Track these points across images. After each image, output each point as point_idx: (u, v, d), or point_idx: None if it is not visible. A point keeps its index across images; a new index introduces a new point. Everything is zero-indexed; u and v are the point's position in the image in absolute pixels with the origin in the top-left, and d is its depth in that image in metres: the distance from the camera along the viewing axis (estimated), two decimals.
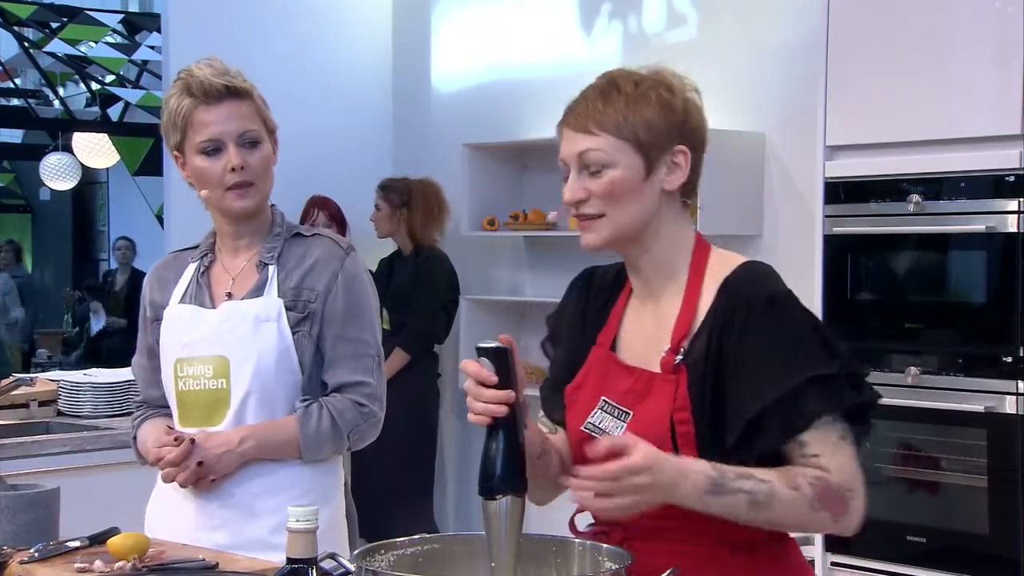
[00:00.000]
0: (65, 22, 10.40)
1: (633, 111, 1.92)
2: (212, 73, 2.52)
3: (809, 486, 1.80)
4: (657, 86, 1.94)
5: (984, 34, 3.77)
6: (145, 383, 2.73)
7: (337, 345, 2.57)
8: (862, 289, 4.08)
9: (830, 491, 1.80)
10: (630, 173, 1.92)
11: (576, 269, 2.02)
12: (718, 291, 1.90)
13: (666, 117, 1.92)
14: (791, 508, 1.79)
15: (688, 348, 1.89)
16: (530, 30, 5.85)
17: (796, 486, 1.79)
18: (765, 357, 1.83)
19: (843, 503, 1.81)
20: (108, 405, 4.48)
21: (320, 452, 2.56)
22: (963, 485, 3.77)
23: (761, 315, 1.85)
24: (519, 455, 1.78)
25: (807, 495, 1.79)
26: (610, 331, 2.02)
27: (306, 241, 2.63)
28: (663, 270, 1.97)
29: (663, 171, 1.93)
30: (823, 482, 1.80)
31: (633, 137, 1.91)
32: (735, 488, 1.77)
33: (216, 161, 2.53)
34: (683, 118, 1.94)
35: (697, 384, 1.86)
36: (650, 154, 1.92)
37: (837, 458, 1.82)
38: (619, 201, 1.93)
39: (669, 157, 1.93)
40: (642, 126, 1.91)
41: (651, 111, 1.92)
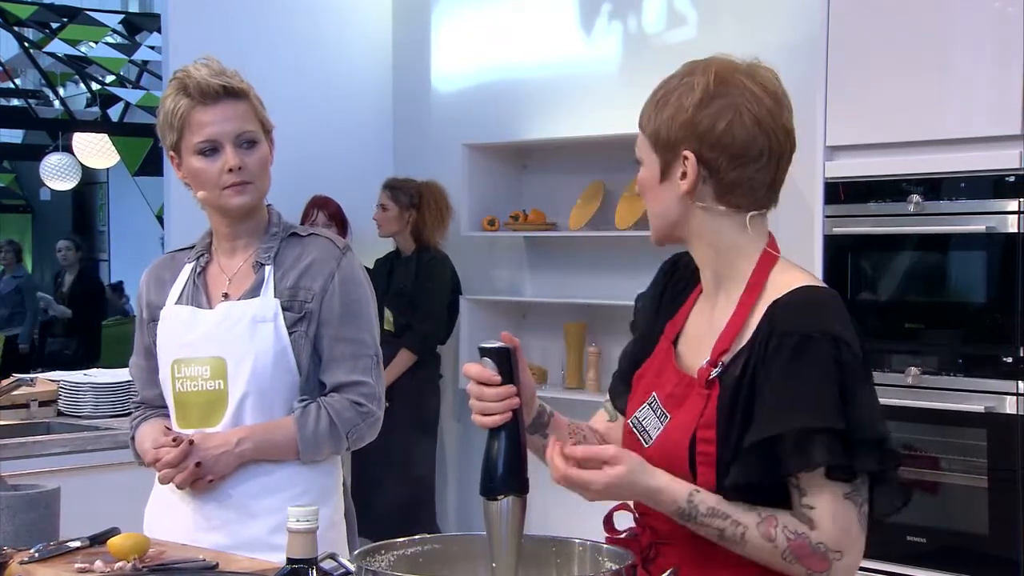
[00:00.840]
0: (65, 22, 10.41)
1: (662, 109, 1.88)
2: (209, 73, 2.51)
3: (785, 539, 1.75)
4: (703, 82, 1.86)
5: (984, 34, 3.77)
6: (143, 383, 2.73)
7: (334, 345, 2.56)
8: (862, 289, 4.08)
9: (807, 548, 1.75)
10: (648, 173, 1.91)
11: (575, 269, 2.00)
12: (766, 313, 1.83)
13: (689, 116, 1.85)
14: (762, 555, 1.78)
15: (727, 365, 1.84)
16: (530, 30, 5.85)
17: (771, 537, 1.76)
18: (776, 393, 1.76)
19: (824, 561, 1.75)
20: (108, 405, 4.48)
21: (318, 452, 2.56)
22: (963, 485, 3.77)
23: (791, 350, 1.77)
24: (521, 455, 1.78)
25: (780, 548, 1.76)
26: (676, 325, 1.98)
27: (303, 241, 2.62)
28: (722, 277, 1.91)
29: (677, 174, 1.87)
30: (802, 539, 1.75)
31: (653, 136, 1.89)
32: (704, 523, 1.78)
33: (213, 162, 2.52)
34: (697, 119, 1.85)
35: (727, 405, 1.81)
36: (664, 155, 1.88)
37: (832, 515, 1.76)
38: (645, 198, 1.94)
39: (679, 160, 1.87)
40: (663, 125, 1.87)
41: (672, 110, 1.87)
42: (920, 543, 3.84)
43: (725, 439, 1.80)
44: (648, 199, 1.92)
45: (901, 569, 3.85)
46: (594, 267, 5.56)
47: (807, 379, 1.76)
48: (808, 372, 1.76)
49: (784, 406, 1.76)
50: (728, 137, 1.84)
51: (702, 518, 1.77)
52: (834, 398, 1.75)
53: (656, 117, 1.88)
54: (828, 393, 1.75)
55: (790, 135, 1.91)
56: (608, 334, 5.54)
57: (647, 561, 1.90)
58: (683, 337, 1.97)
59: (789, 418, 1.75)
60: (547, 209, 5.74)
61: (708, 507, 1.77)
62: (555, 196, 5.73)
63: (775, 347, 1.78)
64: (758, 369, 1.79)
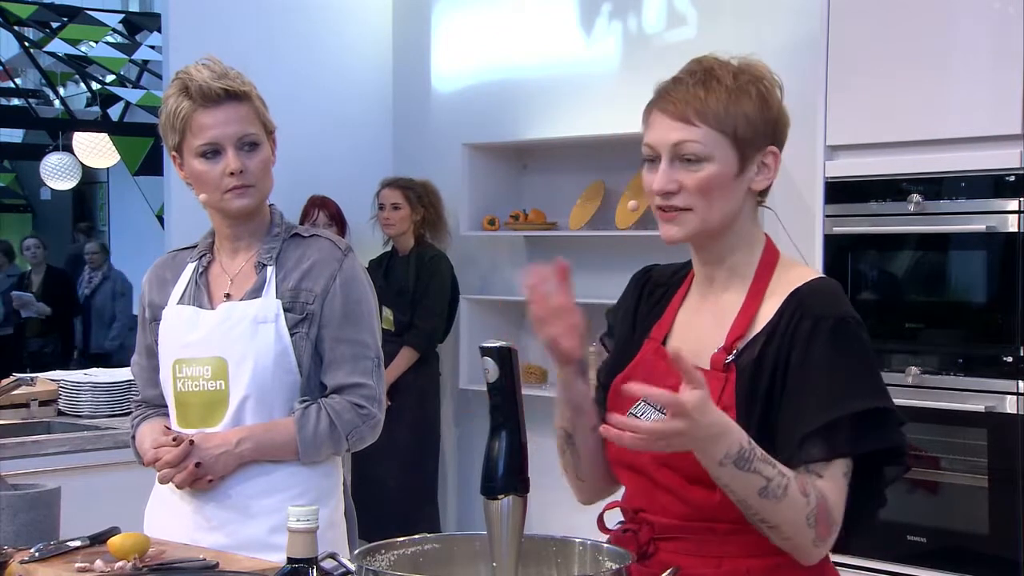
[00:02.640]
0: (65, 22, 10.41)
1: (734, 104, 1.85)
2: (211, 76, 2.50)
3: (815, 499, 1.77)
4: (756, 81, 1.88)
5: (984, 34, 3.77)
6: (144, 383, 2.73)
7: (335, 347, 2.56)
8: (862, 289, 4.08)
9: (825, 512, 1.78)
10: (725, 169, 1.86)
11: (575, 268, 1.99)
12: (786, 300, 1.86)
13: (764, 114, 1.88)
14: (793, 512, 1.76)
15: (742, 350, 1.86)
16: (530, 30, 5.85)
17: (807, 494, 1.77)
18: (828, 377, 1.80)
19: (829, 530, 1.79)
20: (108, 405, 4.48)
21: (318, 453, 2.56)
22: (963, 485, 3.77)
23: (829, 334, 1.81)
24: (521, 455, 1.78)
25: (811, 507, 1.77)
26: (664, 326, 1.99)
27: (304, 242, 2.62)
28: (733, 268, 1.93)
29: (753, 170, 1.89)
30: (824, 503, 1.78)
31: (732, 131, 1.85)
32: (757, 469, 1.73)
33: (215, 164, 2.52)
34: (777, 116, 1.90)
35: (746, 387, 1.83)
36: (745, 151, 1.87)
37: (835, 489, 1.80)
38: (709, 197, 1.86)
39: (760, 156, 1.89)
40: (742, 121, 1.85)
41: (751, 106, 1.86)
42: (920, 543, 3.84)
43: (747, 418, 1.81)
44: (715, 196, 1.87)
45: (901, 569, 3.86)
46: (594, 267, 5.55)
47: (857, 362, 1.82)
48: (855, 355, 1.82)
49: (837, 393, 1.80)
50: (786, 131, 1.93)
51: (758, 463, 1.73)
52: (875, 380, 1.83)
53: (731, 111, 1.85)
54: (877, 375, 1.84)
55: None
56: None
57: (646, 556, 1.90)
58: (674, 336, 1.98)
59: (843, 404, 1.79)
60: (547, 209, 5.74)
61: (763, 455, 1.75)
62: (555, 196, 5.73)
63: (809, 329, 1.82)
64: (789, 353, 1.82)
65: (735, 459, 1.73)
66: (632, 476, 1.94)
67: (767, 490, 1.74)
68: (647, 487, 1.91)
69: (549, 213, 5.73)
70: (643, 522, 1.92)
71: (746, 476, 1.73)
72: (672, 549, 1.88)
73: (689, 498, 1.85)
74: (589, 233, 5.48)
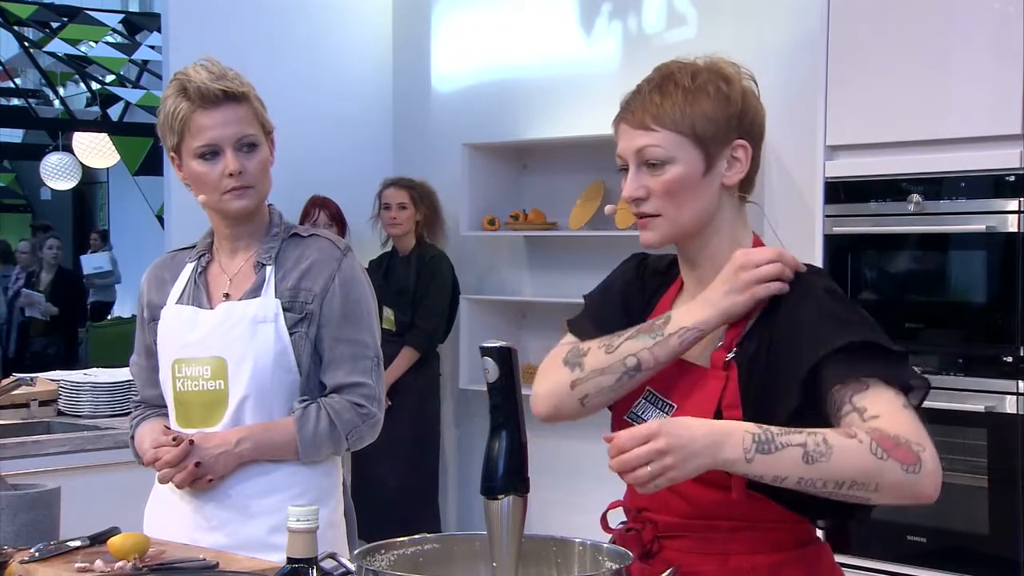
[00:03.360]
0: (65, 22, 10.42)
1: (691, 104, 1.87)
2: (209, 77, 2.50)
3: (868, 435, 1.68)
4: (715, 78, 1.90)
5: (984, 34, 3.77)
6: (143, 383, 2.73)
7: (335, 346, 2.56)
8: (862, 289, 4.08)
9: (890, 439, 1.68)
10: (689, 169, 1.88)
11: (575, 269, 2.00)
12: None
13: (724, 110, 1.88)
14: (853, 457, 1.67)
15: (740, 345, 1.87)
16: (530, 30, 5.85)
17: (853, 435, 1.69)
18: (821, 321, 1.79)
19: (911, 453, 1.68)
20: (108, 405, 4.48)
21: (318, 453, 2.56)
22: (963, 485, 3.77)
23: (821, 292, 1.83)
24: (521, 455, 1.78)
25: (867, 442, 1.67)
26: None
27: (304, 242, 2.62)
28: (721, 266, 1.91)
29: (723, 166, 1.90)
30: (880, 432, 1.69)
31: (691, 131, 1.87)
32: (784, 443, 1.67)
33: (214, 166, 2.52)
34: (741, 109, 1.90)
35: (746, 379, 1.83)
36: (709, 148, 1.88)
37: (899, 419, 1.72)
38: (677, 198, 1.89)
39: (728, 151, 1.89)
40: (700, 119, 1.87)
41: (709, 104, 1.88)
42: (920, 543, 3.85)
43: (754, 408, 1.81)
44: (684, 197, 1.89)
45: (901, 569, 3.86)
46: (594, 267, 5.54)
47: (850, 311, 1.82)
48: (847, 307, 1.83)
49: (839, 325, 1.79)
50: (760, 124, 1.93)
51: (780, 438, 1.68)
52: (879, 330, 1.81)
53: (690, 112, 1.87)
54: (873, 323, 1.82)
55: None
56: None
57: (650, 555, 1.90)
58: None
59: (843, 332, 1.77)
60: (547, 209, 5.74)
61: (780, 428, 1.70)
62: (555, 196, 5.73)
63: (802, 292, 1.83)
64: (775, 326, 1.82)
65: (757, 447, 1.68)
66: None
67: (809, 455, 1.67)
68: None
69: (549, 213, 5.73)
70: (647, 521, 1.92)
71: (780, 455, 1.67)
72: (676, 547, 1.88)
73: (692, 496, 1.85)
74: (589, 233, 5.48)
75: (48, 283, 11.21)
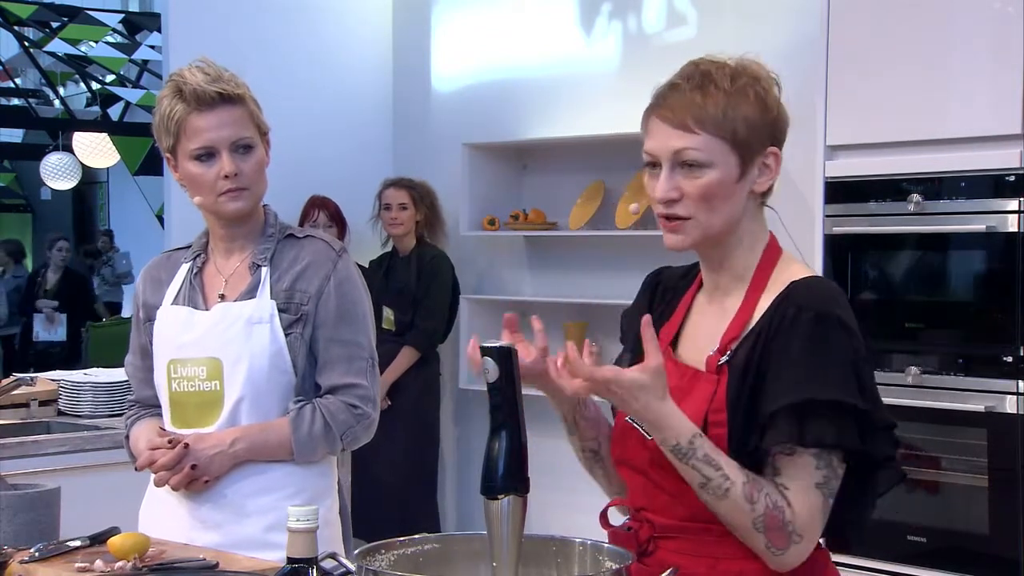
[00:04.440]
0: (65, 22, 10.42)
1: (733, 108, 1.83)
2: (205, 80, 2.50)
3: (764, 507, 1.77)
4: (753, 82, 1.87)
5: (984, 34, 3.77)
6: (139, 383, 2.74)
7: (330, 347, 2.57)
8: (862, 289, 4.08)
9: (778, 522, 1.78)
10: (726, 175, 1.85)
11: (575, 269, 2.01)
12: (778, 296, 1.86)
13: (763, 115, 1.86)
14: (736, 515, 1.78)
15: (735, 350, 1.86)
16: (530, 30, 5.85)
17: (752, 500, 1.77)
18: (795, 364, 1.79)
19: (786, 540, 1.78)
20: (108, 405, 4.48)
21: (313, 454, 2.56)
22: (963, 485, 3.77)
23: (807, 325, 1.80)
24: (521, 455, 1.78)
25: (756, 513, 1.77)
26: (672, 327, 1.99)
27: (299, 243, 2.62)
28: (736, 271, 1.92)
29: (755, 172, 1.88)
30: (778, 512, 1.78)
31: (731, 136, 1.84)
32: (696, 466, 1.78)
33: (209, 167, 2.52)
34: (776, 116, 1.89)
35: (736, 386, 1.83)
36: (746, 154, 1.85)
37: (803, 500, 1.79)
38: (711, 203, 1.85)
39: (761, 158, 1.88)
40: (741, 124, 1.84)
41: (750, 108, 1.85)
42: (920, 543, 3.84)
43: (734, 417, 1.82)
44: (717, 203, 1.86)
45: (901, 569, 3.86)
46: (594, 267, 5.56)
47: (828, 355, 1.79)
48: (828, 349, 1.80)
49: (806, 377, 1.78)
50: (787, 129, 1.91)
51: (695, 461, 1.78)
52: (852, 379, 1.79)
53: (729, 115, 1.83)
54: (849, 373, 1.79)
55: None
56: (608, 334, 5.53)
57: (645, 554, 1.91)
58: (682, 337, 1.98)
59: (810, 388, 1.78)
60: (547, 209, 5.74)
61: (705, 453, 1.78)
62: (555, 196, 5.73)
63: (792, 318, 1.81)
64: (771, 343, 1.82)
65: (672, 450, 1.79)
66: (633, 475, 1.95)
67: (707, 487, 1.78)
68: (647, 486, 1.92)
69: (549, 213, 5.73)
70: (644, 520, 1.93)
71: (685, 468, 1.79)
72: (670, 548, 1.89)
73: (685, 499, 1.86)
74: (589, 233, 5.48)
75: (55, 283, 11.24)
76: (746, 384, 1.83)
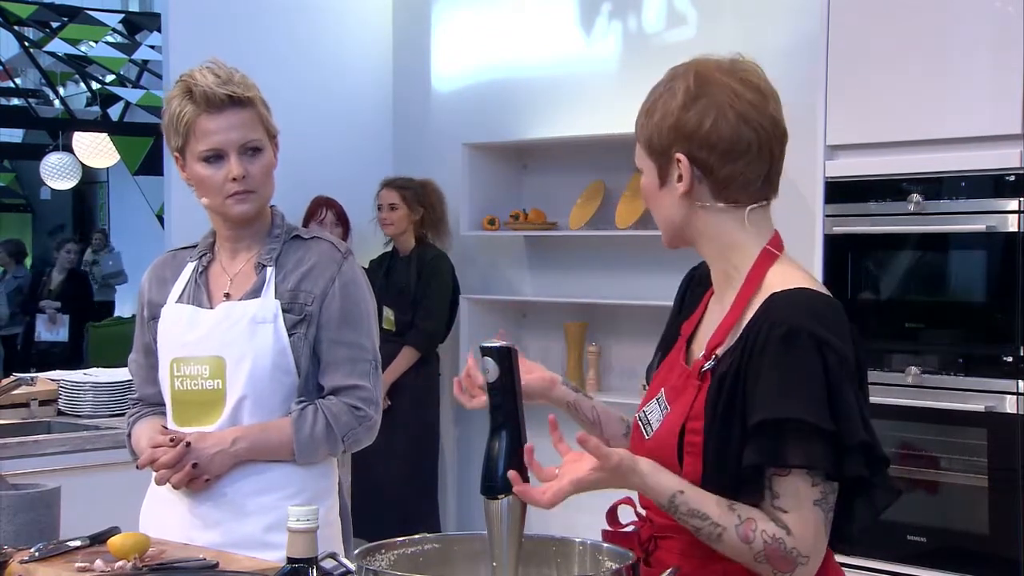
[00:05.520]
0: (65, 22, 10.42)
1: (646, 115, 1.94)
2: (215, 82, 2.50)
3: (762, 543, 1.77)
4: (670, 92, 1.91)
5: (984, 34, 3.77)
6: (142, 380, 2.74)
7: (333, 349, 2.57)
8: (862, 289, 4.08)
9: (780, 552, 1.77)
10: (649, 179, 1.95)
11: (575, 268, 2.02)
12: (760, 307, 1.85)
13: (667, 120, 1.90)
14: (735, 553, 1.79)
15: (720, 358, 1.87)
16: (530, 30, 5.85)
17: (749, 539, 1.77)
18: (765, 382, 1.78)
19: (791, 564, 1.78)
20: (109, 405, 4.48)
21: (314, 455, 2.56)
22: (963, 485, 3.77)
23: (776, 342, 1.78)
24: (522, 455, 1.78)
25: (755, 550, 1.77)
26: (691, 324, 2.01)
27: (305, 244, 2.63)
28: (726, 273, 1.94)
29: (675, 177, 1.91)
30: (778, 543, 1.77)
31: (646, 142, 1.93)
32: (684, 520, 1.80)
33: (218, 169, 2.52)
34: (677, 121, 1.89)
35: (714, 396, 1.83)
36: (658, 160, 1.92)
37: (803, 521, 1.78)
38: (650, 205, 1.98)
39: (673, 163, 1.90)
40: (654, 131, 1.91)
41: (661, 115, 1.90)
42: (920, 543, 3.84)
43: (711, 430, 1.82)
44: (652, 206, 1.97)
45: (901, 569, 3.86)
46: (594, 267, 5.56)
47: (795, 372, 1.77)
48: (796, 367, 1.77)
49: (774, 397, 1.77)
50: (714, 135, 1.87)
51: (681, 516, 1.80)
52: (822, 398, 1.76)
53: (647, 124, 1.92)
54: (817, 391, 1.77)
55: (778, 125, 1.92)
56: (608, 334, 5.54)
57: (646, 554, 1.91)
58: (698, 334, 1.99)
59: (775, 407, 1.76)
60: (547, 209, 5.74)
61: (688, 508, 1.79)
62: (555, 196, 5.73)
63: (765, 336, 1.80)
64: (749, 359, 1.81)
65: (663, 505, 1.81)
66: None
67: (700, 533, 1.80)
68: None
69: (549, 213, 5.73)
70: (646, 520, 1.94)
71: (679, 518, 1.81)
72: (669, 548, 1.89)
73: None
74: (589, 233, 5.48)
75: (60, 282, 11.26)
76: (722, 395, 1.82)
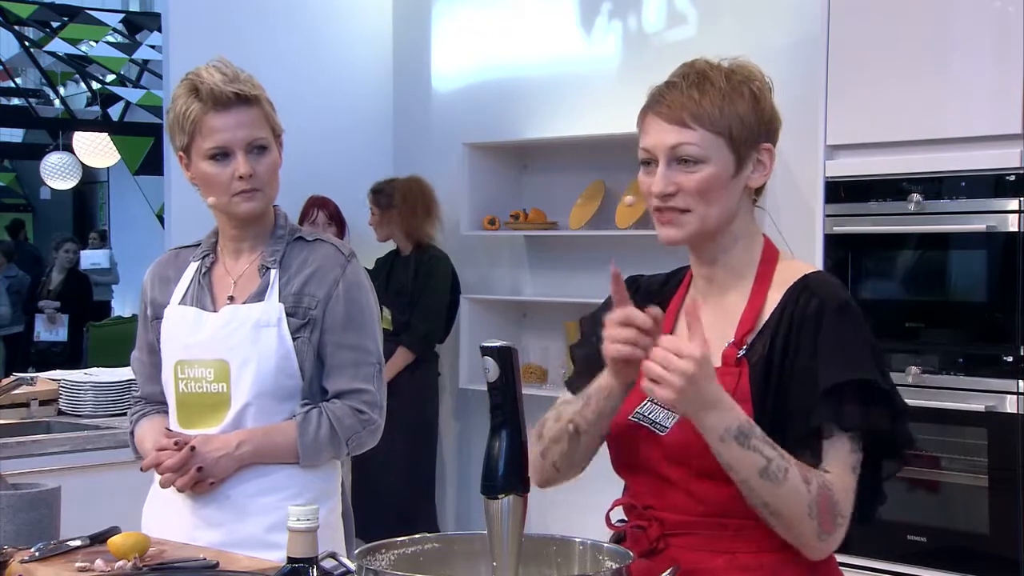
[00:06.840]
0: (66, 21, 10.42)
1: (729, 105, 1.89)
2: (222, 80, 2.50)
3: (817, 489, 1.79)
4: (748, 81, 1.93)
5: (984, 34, 3.77)
6: (144, 378, 2.73)
7: (337, 352, 2.57)
8: (863, 288, 4.08)
9: (829, 506, 1.80)
10: (722, 169, 1.90)
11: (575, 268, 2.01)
12: (790, 289, 1.91)
13: (757, 114, 1.92)
14: (793, 499, 1.79)
15: (752, 343, 1.90)
16: (530, 30, 5.85)
17: (808, 481, 1.79)
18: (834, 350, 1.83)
19: (833, 524, 1.81)
20: (109, 404, 4.47)
21: (318, 458, 2.56)
22: (963, 485, 3.77)
23: (835, 314, 1.85)
24: (521, 455, 1.78)
25: (811, 495, 1.79)
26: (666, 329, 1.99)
27: (308, 246, 2.63)
28: (734, 268, 1.96)
29: (750, 168, 1.93)
30: (828, 494, 1.80)
31: (727, 132, 1.89)
32: (757, 447, 1.77)
33: (224, 168, 2.52)
34: (771, 115, 1.95)
35: (759, 379, 1.86)
36: (741, 151, 1.91)
37: (843, 483, 1.82)
38: (707, 198, 1.90)
39: (756, 155, 1.93)
40: (736, 121, 1.90)
41: (745, 106, 1.90)
42: (920, 543, 3.85)
43: (762, 409, 1.84)
44: (713, 197, 1.91)
45: (901, 568, 3.86)
46: (594, 267, 5.56)
47: (863, 339, 1.86)
48: (861, 333, 1.86)
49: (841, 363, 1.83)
50: (779, 127, 1.97)
51: (756, 441, 1.78)
52: (878, 363, 1.85)
53: (727, 113, 1.89)
54: (882, 359, 1.86)
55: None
56: None
57: (655, 553, 1.91)
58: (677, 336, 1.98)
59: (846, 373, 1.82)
60: (547, 209, 5.74)
61: (762, 433, 1.79)
62: (555, 196, 5.73)
63: (817, 310, 1.86)
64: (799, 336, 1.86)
65: (735, 434, 1.78)
66: (641, 475, 1.96)
67: (767, 471, 1.78)
68: (657, 484, 1.92)
69: (549, 213, 5.73)
70: (653, 519, 1.93)
71: (746, 454, 1.78)
72: (683, 545, 1.89)
73: (699, 494, 1.87)
74: (589, 233, 5.48)
75: (59, 282, 11.27)
76: (771, 376, 1.86)
